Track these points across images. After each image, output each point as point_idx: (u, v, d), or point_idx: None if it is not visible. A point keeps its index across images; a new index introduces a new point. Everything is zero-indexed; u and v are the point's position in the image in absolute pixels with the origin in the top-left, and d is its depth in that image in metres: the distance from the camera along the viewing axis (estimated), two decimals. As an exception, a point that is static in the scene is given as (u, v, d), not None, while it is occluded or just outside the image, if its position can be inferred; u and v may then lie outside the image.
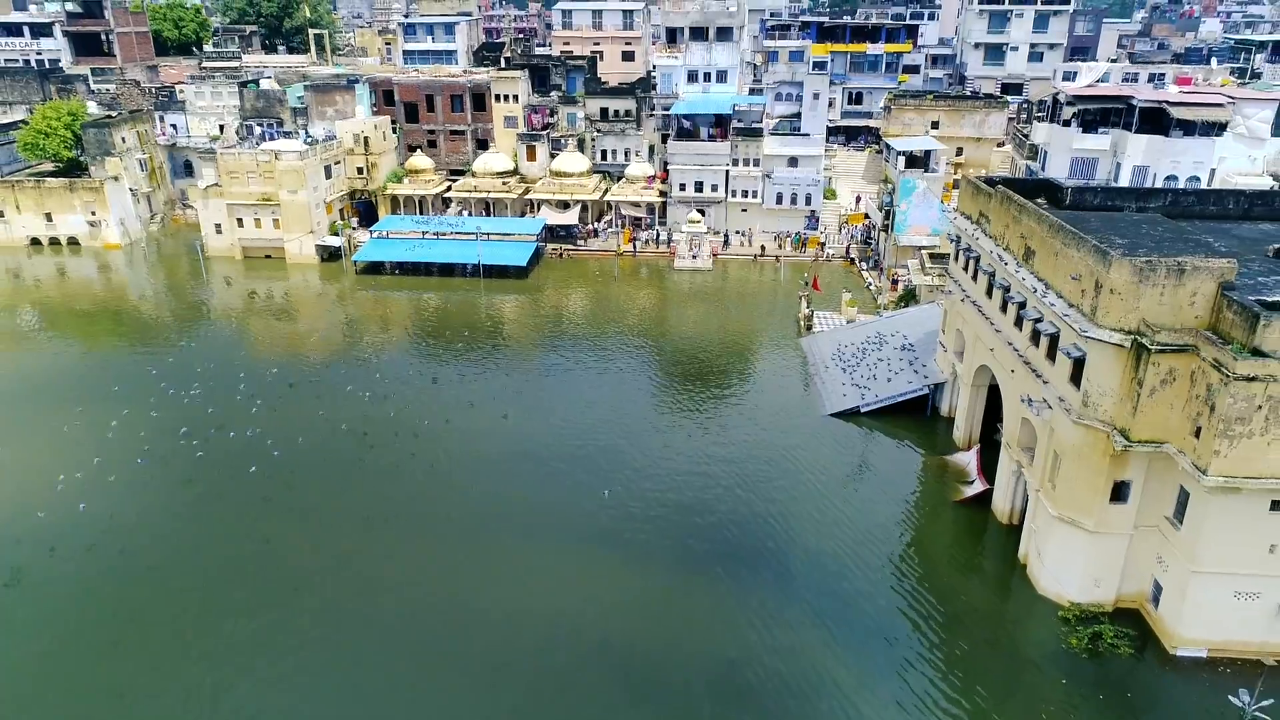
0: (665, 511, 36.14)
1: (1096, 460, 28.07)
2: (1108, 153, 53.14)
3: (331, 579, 32.14)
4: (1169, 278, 26.00)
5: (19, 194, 75.00)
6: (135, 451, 41.47)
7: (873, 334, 50.52)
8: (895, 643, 29.13)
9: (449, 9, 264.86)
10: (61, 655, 28.43)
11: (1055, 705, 26.32)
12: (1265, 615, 27.16)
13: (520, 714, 26.20)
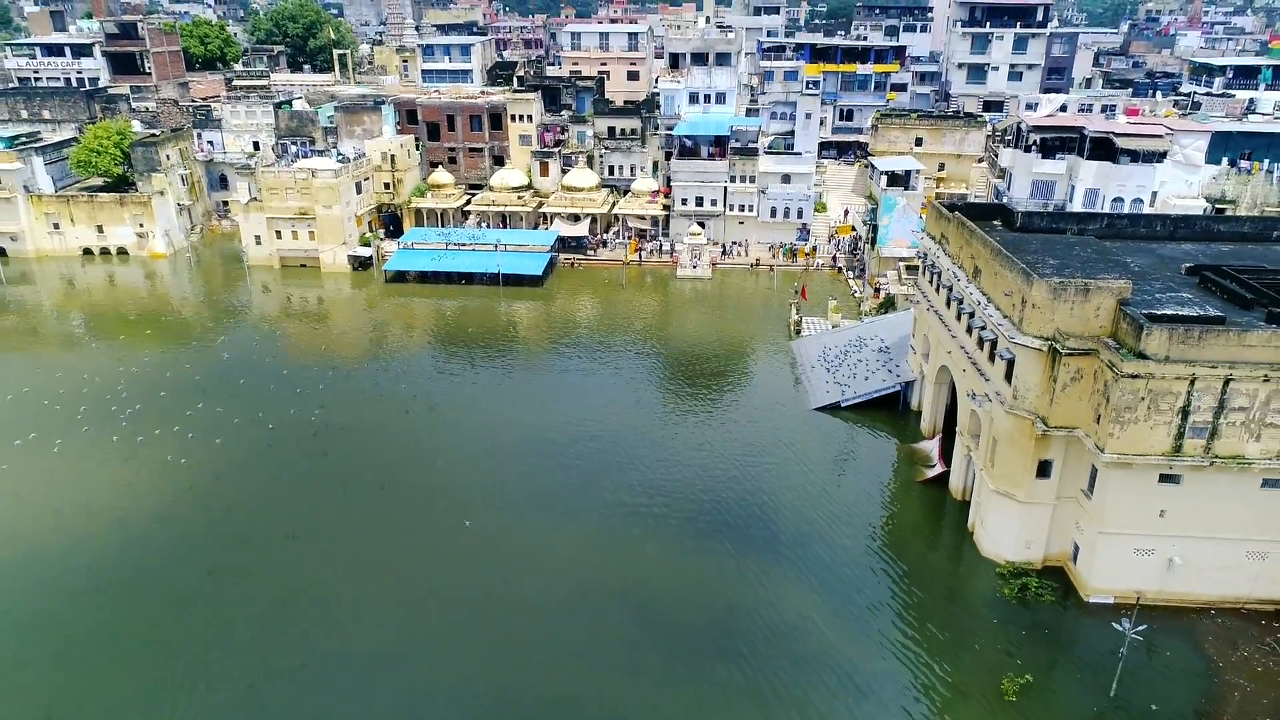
0: (671, 490, 42.51)
1: (1024, 443, 34.48)
2: (1064, 176, 59.60)
3: (410, 533, 38.53)
4: (1077, 295, 32.40)
5: (73, 207, 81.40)
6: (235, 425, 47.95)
7: (854, 338, 56.93)
8: (864, 593, 35.48)
9: (456, 18, 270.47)
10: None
11: (987, 639, 32.71)
12: (1158, 568, 33.53)
13: (562, 641, 32.54)
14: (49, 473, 44.35)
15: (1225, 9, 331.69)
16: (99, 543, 38.47)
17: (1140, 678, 30.53)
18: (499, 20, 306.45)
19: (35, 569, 36.67)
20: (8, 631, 33.15)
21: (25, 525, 39.85)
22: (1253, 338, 30.29)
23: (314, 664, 31.50)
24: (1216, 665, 31.16)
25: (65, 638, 32.75)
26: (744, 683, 30.60)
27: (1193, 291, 37.36)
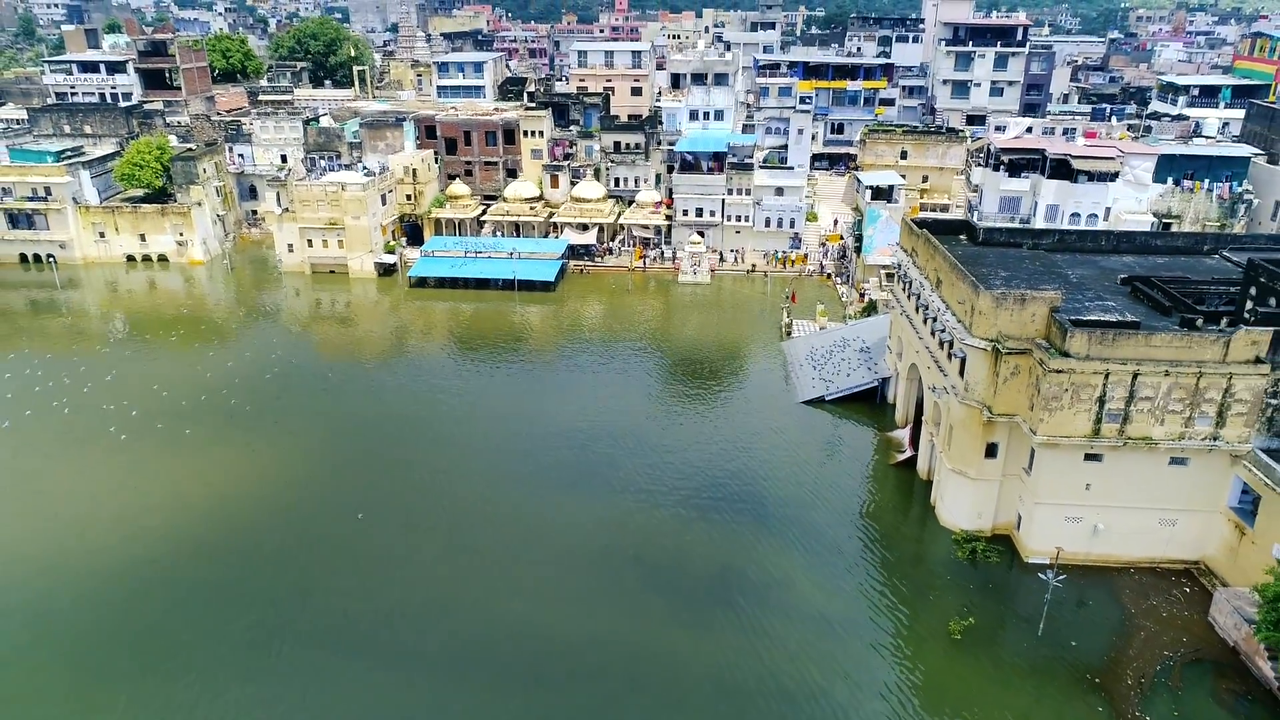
0: (675, 471, 48.78)
1: (974, 428, 40.78)
2: (1028, 193, 65.90)
3: (448, 507, 44.84)
4: (1015, 304, 38.70)
5: (118, 217, 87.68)
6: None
7: (838, 339, 63.26)
8: (841, 555, 41.74)
9: (460, 25, 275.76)
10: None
11: (940, 592, 39.00)
12: (1085, 533, 39.82)
13: (586, 592, 38.78)
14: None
15: (1213, 16, 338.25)
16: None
17: (1065, 622, 36.84)
18: (502, 27, 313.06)
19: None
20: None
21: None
22: (1157, 339, 36.62)
23: (391, 607, 37.77)
24: (1129, 612, 37.48)
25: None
26: (736, 626, 36.88)
27: (1122, 299, 43.72)
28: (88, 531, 43.18)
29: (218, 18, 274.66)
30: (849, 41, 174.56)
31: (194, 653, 35.32)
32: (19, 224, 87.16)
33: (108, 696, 33.29)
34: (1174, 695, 33.13)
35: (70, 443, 52.52)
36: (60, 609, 37.69)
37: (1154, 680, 33.83)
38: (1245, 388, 36.50)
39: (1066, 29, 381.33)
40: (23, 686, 33.68)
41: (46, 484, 47.92)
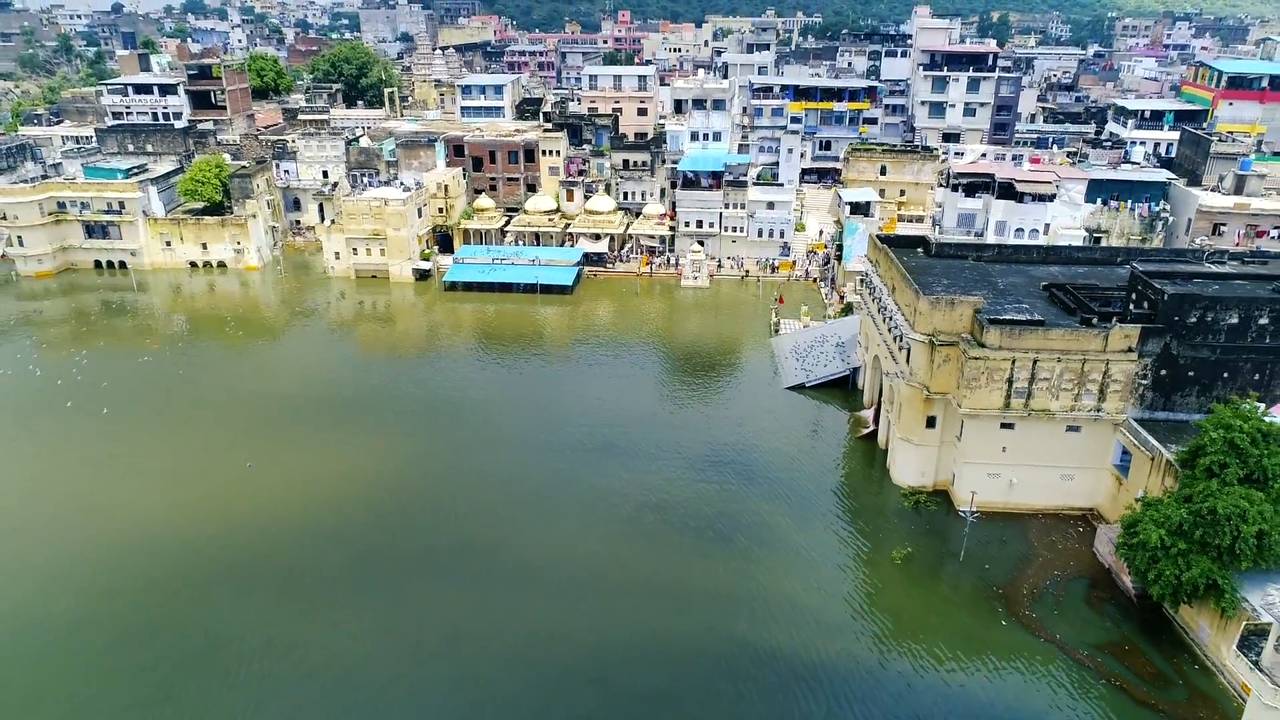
0: (680, 442, 59.62)
1: (917, 404, 51.64)
2: (981, 210, 76.75)
3: (491, 466, 55.69)
4: (946, 306, 49.59)
5: (183, 228, 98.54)
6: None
7: (818, 335, 74.17)
8: (814, 505, 52.56)
9: (470, 36, 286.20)
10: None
11: (889, 531, 49.89)
12: (1004, 487, 50.62)
13: (612, 529, 49.56)
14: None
15: (1194, 27, 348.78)
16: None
17: (983, 553, 47.71)
18: (508, 36, 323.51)
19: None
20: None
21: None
22: (1052, 334, 47.53)
23: (464, 543, 48.62)
24: (1033, 546, 48.37)
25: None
26: (732, 555, 47.68)
27: (1040, 302, 54.56)
28: (247, 499, 54.10)
29: (235, 29, 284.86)
30: (840, 57, 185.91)
31: (324, 578, 46.17)
32: (94, 234, 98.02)
33: (278, 605, 44.04)
34: (1057, 601, 44.01)
35: (196, 428, 63.41)
36: (250, 555, 48.38)
37: (1044, 591, 44.73)
38: (1120, 371, 47.41)
39: (1056, 36, 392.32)
40: (225, 599, 44.50)
41: (208, 462, 58.57)
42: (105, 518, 50.43)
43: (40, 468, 56.52)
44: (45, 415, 64.31)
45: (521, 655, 40.06)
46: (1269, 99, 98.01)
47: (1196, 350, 47.30)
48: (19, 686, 38.43)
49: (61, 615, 42.50)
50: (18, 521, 50.50)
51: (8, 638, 41.18)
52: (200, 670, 39.12)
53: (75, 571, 45.84)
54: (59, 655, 40.06)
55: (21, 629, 41.78)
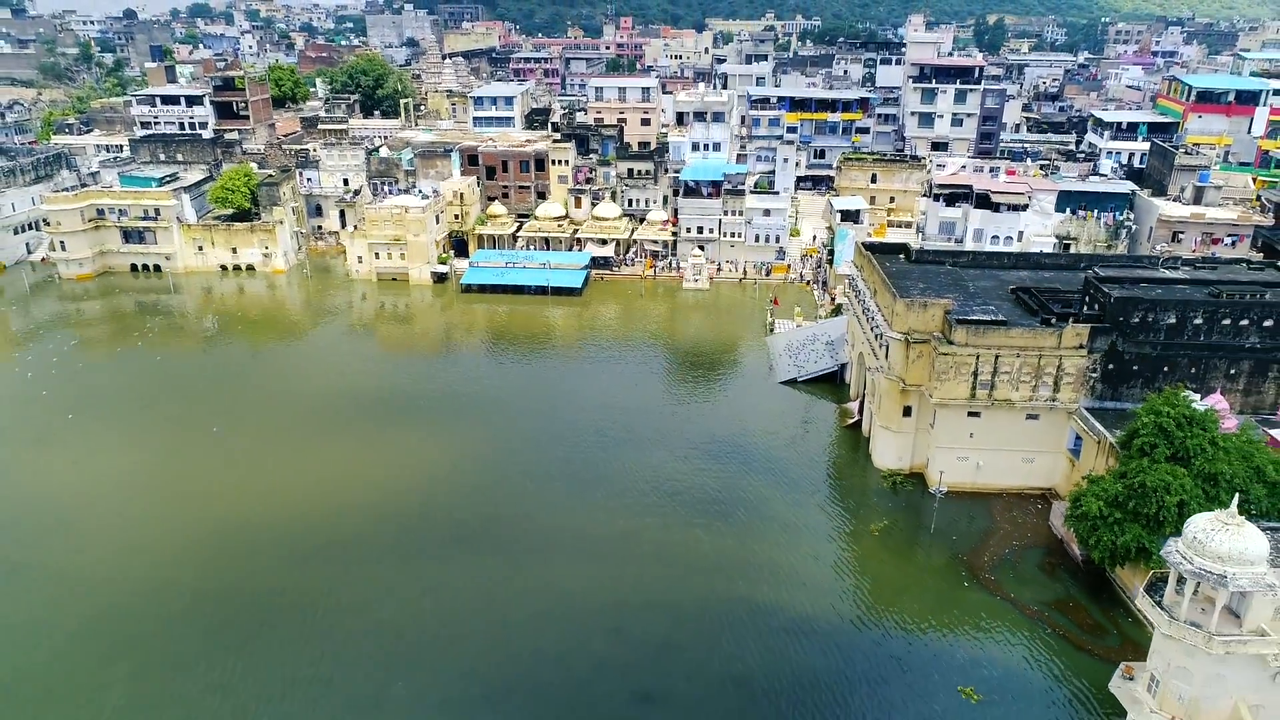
0: (683, 430, 65.84)
1: (895, 396, 57.86)
2: (961, 219, 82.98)
3: (512, 447, 61.90)
4: (920, 307, 55.81)
5: (214, 233, 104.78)
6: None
7: (810, 334, 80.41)
8: (803, 485, 58.78)
9: (474, 42, 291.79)
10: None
11: (869, 508, 56.14)
12: (971, 469, 56.82)
13: (626, 502, 55.72)
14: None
15: (1193, 27, 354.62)
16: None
17: (951, 527, 53.90)
18: (512, 41, 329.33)
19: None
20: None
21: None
22: (1013, 332, 53.77)
23: (493, 515, 54.82)
24: (996, 519, 54.58)
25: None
26: (732, 527, 53.87)
27: (1007, 304, 60.77)
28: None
29: (245, 35, 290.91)
30: (836, 65, 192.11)
31: (378, 548, 52.39)
32: (131, 239, 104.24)
33: (342, 573, 50.19)
34: (1014, 566, 50.26)
35: (246, 422, 69.63)
36: (315, 532, 54.54)
37: (1003, 558, 50.97)
38: (1072, 366, 53.66)
39: (1051, 41, 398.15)
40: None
41: (264, 452, 64.59)
42: (193, 504, 56.29)
43: (129, 461, 62.13)
44: (108, 411, 70.52)
45: (546, 611, 46.27)
46: (1234, 112, 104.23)
47: (1139, 347, 53.56)
48: (156, 634, 44.63)
49: (170, 585, 48.64)
50: (123, 507, 56.11)
51: (137, 601, 47.18)
52: (282, 625, 45.31)
53: (179, 548, 52.05)
54: (178, 616, 46.21)
55: (149, 594, 47.99)
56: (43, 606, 46.65)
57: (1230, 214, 77.84)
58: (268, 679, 41.37)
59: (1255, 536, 32.63)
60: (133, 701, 40.27)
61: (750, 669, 42.29)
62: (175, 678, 41.59)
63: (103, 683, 41.26)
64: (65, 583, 48.34)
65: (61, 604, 46.66)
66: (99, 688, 40.93)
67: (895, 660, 43.53)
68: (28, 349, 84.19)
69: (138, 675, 41.82)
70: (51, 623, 45.31)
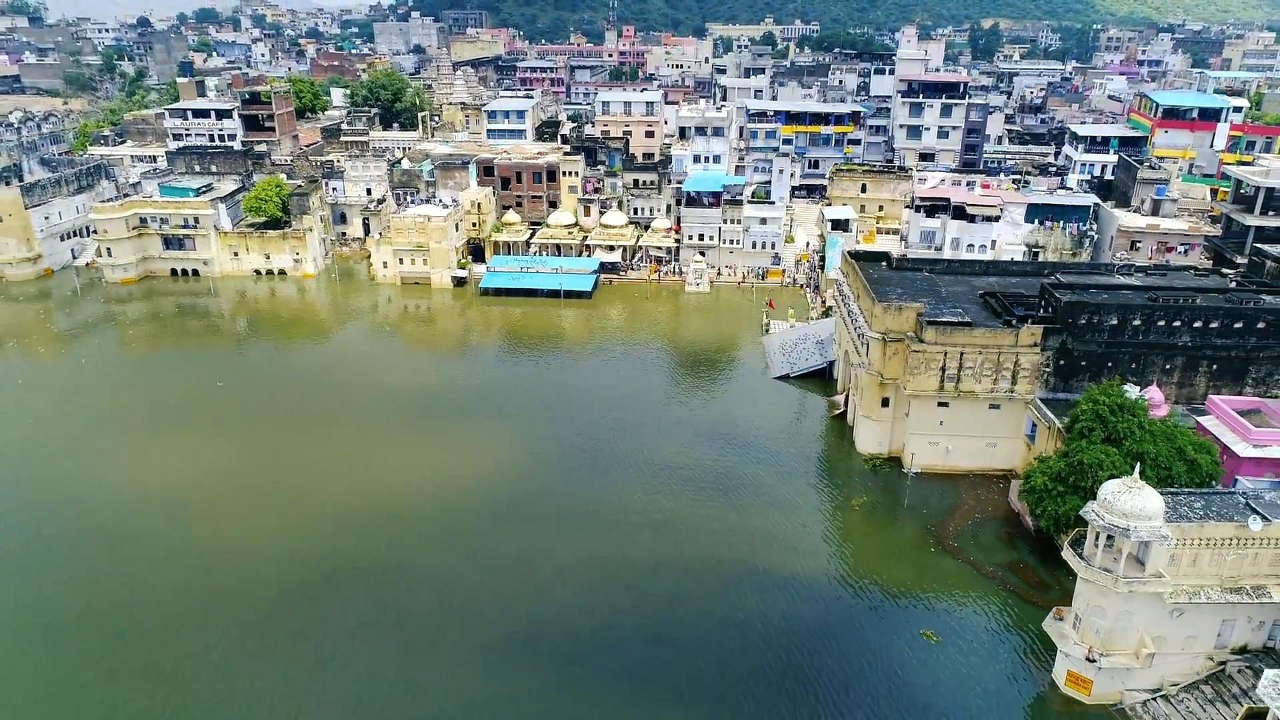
0: (686, 420, 73.61)
1: (875, 388, 65.60)
2: (940, 229, 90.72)
3: (532, 434, 69.59)
4: (895, 310, 63.55)
5: (248, 240, 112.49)
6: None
7: (802, 334, 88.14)
8: (795, 467, 66.52)
9: (481, 50, 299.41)
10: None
11: (852, 486, 63.88)
12: (942, 453, 64.56)
13: (635, 483, 63.40)
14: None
15: (1183, 33, 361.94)
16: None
17: (922, 501, 61.63)
18: (516, 48, 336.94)
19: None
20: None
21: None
22: (976, 332, 61.52)
23: (524, 491, 62.52)
24: (961, 496, 62.28)
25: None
26: (729, 502, 61.53)
27: (975, 307, 68.48)
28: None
29: (256, 43, 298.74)
30: (832, 75, 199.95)
31: (417, 516, 60.08)
32: (171, 245, 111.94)
33: (392, 541, 57.90)
34: (975, 535, 57.99)
35: (305, 417, 77.34)
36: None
37: (966, 529, 58.72)
38: (1028, 361, 61.41)
39: (1045, 46, 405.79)
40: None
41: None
42: (279, 485, 63.86)
43: (226, 450, 69.37)
44: (210, 408, 78.20)
45: (571, 570, 53.98)
46: (1198, 128, 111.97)
47: (1086, 345, 61.30)
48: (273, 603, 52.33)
49: (261, 551, 56.36)
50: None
51: (265, 571, 54.93)
52: (347, 583, 53.00)
53: (274, 520, 59.79)
54: (265, 577, 53.92)
55: (267, 566, 55.69)
56: (168, 572, 54.40)
57: (1183, 224, 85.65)
58: (341, 626, 49.04)
59: (1153, 497, 40.43)
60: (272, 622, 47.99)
61: (748, 617, 50.00)
62: (268, 625, 49.18)
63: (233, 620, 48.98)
64: (194, 554, 55.83)
65: (190, 570, 54.34)
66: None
67: (870, 610, 51.28)
68: (85, 345, 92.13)
69: (241, 620, 49.49)
70: (169, 584, 53.03)
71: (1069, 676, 43.88)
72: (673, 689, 44.65)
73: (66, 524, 58.47)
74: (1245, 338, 60.61)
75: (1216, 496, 43.63)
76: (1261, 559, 40.91)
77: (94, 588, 52.11)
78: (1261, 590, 41.03)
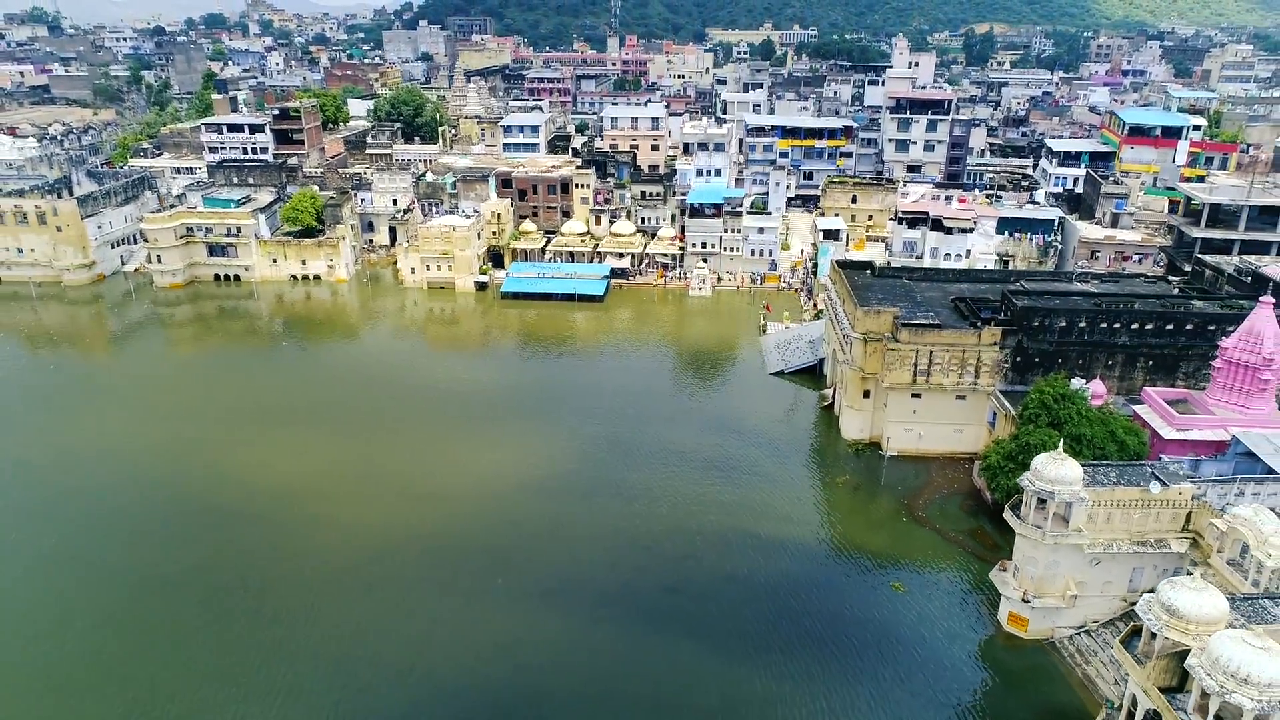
0: (689, 410, 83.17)
1: (857, 382, 75.16)
2: (921, 239, 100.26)
3: (549, 422, 79.06)
4: (874, 313, 73.10)
5: (286, 248, 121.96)
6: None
7: (796, 334, 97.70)
8: (786, 450, 76.09)
9: (489, 59, 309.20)
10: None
11: (837, 467, 73.48)
12: (916, 438, 74.09)
13: (644, 466, 72.87)
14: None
15: (1173, 40, 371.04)
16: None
17: (898, 479, 71.15)
18: (522, 56, 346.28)
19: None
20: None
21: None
22: (944, 333, 71.06)
23: (549, 474, 72.05)
24: (931, 475, 71.77)
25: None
26: (730, 481, 71.04)
27: (947, 311, 78.02)
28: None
29: (271, 53, 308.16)
30: (827, 86, 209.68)
31: (456, 494, 69.58)
32: (215, 253, 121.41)
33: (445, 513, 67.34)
34: (942, 507, 67.53)
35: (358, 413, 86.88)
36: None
37: (934, 502, 68.27)
38: (989, 358, 70.96)
39: (1038, 53, 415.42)
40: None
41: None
42: (349, 473, 73.63)
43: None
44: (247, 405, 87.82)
45: (596, 536, 63.42)
46: (1161, 144, 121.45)
47: (1039, 344, 70.85)
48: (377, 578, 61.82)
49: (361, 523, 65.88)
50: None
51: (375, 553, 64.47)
52: (407, 549, 62.51)
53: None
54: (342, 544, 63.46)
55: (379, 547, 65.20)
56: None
57: (1138, 236, 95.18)
58: (408, 581, 58.51)
59: (1074, 466, 49.99)
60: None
61: (748, 572, 59.50)
62: (349, 578, 58.74)
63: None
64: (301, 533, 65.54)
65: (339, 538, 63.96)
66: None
67: (850, 567, 60.83)
68: (142, 344, 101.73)
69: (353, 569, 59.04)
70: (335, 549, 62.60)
71: (1010, 616, 53.45)
72: (684, 627, 54.20)
73: (171, 502, 68.09)
74: (1176, 337, 70.21)
75: (1129, 468, 53.16)
76: (1163, 517, 50.42)
77: (202, 551, 61.65)
78: (1163, 542, 50.56)
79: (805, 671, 50.75)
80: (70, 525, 64.61)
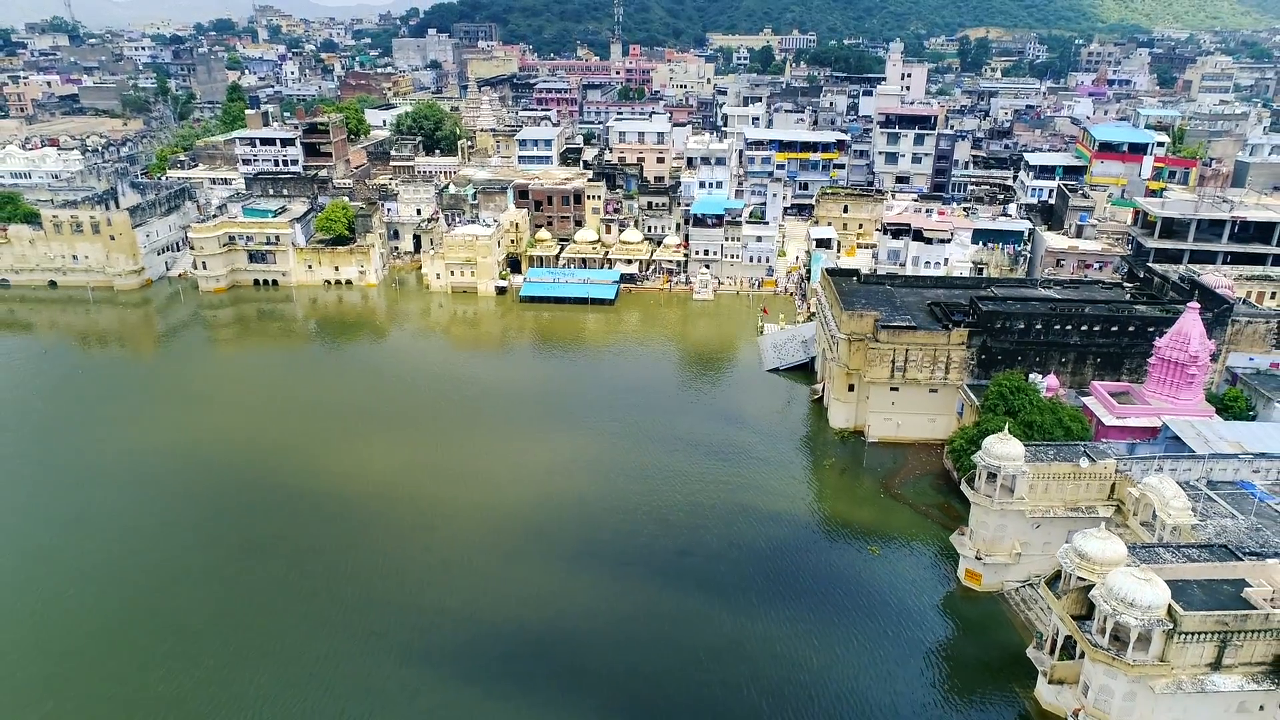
0: (691, 404, 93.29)
1: (843, 377, 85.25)
2: (904, 248, 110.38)
3: (563, 411, 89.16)
4: (857, 317, 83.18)
5: (320, 255, 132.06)
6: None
7: (790, 334, 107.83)
8: (778, 436, 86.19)
9: (497, 68, 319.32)
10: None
11: (825, 452, 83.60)
12: (895, 426, 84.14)
13: (648, 449, 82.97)
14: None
15: (1164, 45, 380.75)
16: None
17: (878, 463, 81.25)
18: (528, 64, 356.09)
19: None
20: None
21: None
22: (918, 334, 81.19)
23: (562, 459, 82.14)
24: (908, 459, 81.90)
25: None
26: (730, 463, 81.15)
27: (923, 315, 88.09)
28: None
29: (286, 61, 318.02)
30: (824, 96, 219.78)
31: (477, 475, 79.70)
32: (255, 259, 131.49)
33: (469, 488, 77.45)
34: (914, 485, 77.66)
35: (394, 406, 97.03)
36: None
37: (909, 481, 78.42)
38: (958, 356, 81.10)
39: (1032, 59, 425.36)
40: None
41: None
42: (388, 456, 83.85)
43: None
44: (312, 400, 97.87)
45: (616, 509, 73.45)
46: (1128, 159, 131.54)
47: (1001, 343, 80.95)
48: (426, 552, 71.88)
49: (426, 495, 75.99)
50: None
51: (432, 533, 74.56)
52: (452, 521, 72.58)
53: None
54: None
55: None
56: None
57: (1099, 245, 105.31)
58: (452, 545, 68.63)
59: (1015, 444, 60.14)
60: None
61: (749, 539, 69.59)
62: (403, 542, 68.88)
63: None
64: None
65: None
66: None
67: (835, 535, 71.02)
68: (191, 344, 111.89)
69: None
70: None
71: (967, 573, 63.60)
72: (695, 582, 64.37)
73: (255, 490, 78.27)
74: (1120, 338, 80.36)
75: (1065, 446, 63.33)
76: (1091, 487, 60.53)
77: (281, 521, 71.79)
78: (1092, 509, 60.66)
79: (797, 616, 60.89)
80: (175, 499, 74.86)
